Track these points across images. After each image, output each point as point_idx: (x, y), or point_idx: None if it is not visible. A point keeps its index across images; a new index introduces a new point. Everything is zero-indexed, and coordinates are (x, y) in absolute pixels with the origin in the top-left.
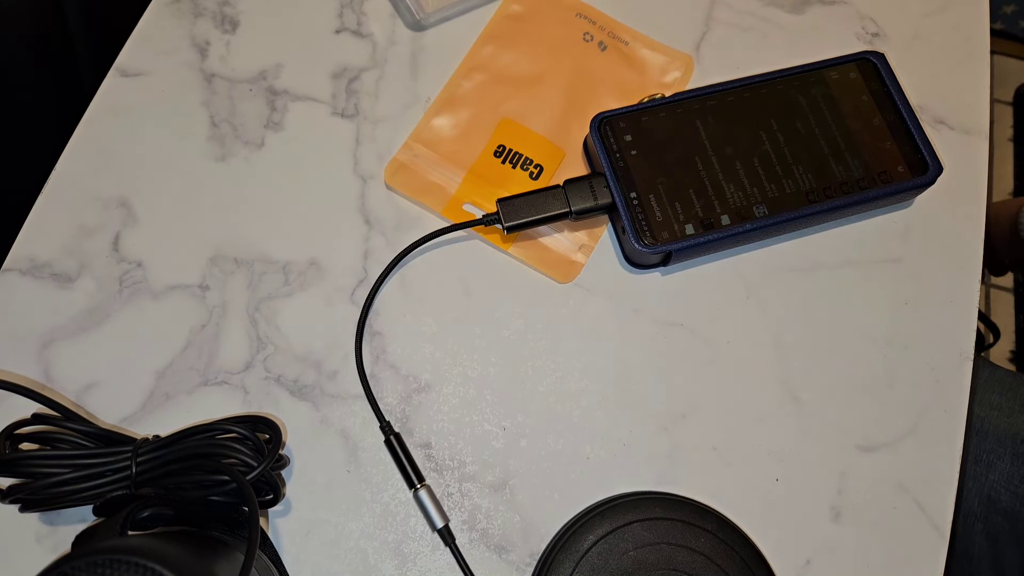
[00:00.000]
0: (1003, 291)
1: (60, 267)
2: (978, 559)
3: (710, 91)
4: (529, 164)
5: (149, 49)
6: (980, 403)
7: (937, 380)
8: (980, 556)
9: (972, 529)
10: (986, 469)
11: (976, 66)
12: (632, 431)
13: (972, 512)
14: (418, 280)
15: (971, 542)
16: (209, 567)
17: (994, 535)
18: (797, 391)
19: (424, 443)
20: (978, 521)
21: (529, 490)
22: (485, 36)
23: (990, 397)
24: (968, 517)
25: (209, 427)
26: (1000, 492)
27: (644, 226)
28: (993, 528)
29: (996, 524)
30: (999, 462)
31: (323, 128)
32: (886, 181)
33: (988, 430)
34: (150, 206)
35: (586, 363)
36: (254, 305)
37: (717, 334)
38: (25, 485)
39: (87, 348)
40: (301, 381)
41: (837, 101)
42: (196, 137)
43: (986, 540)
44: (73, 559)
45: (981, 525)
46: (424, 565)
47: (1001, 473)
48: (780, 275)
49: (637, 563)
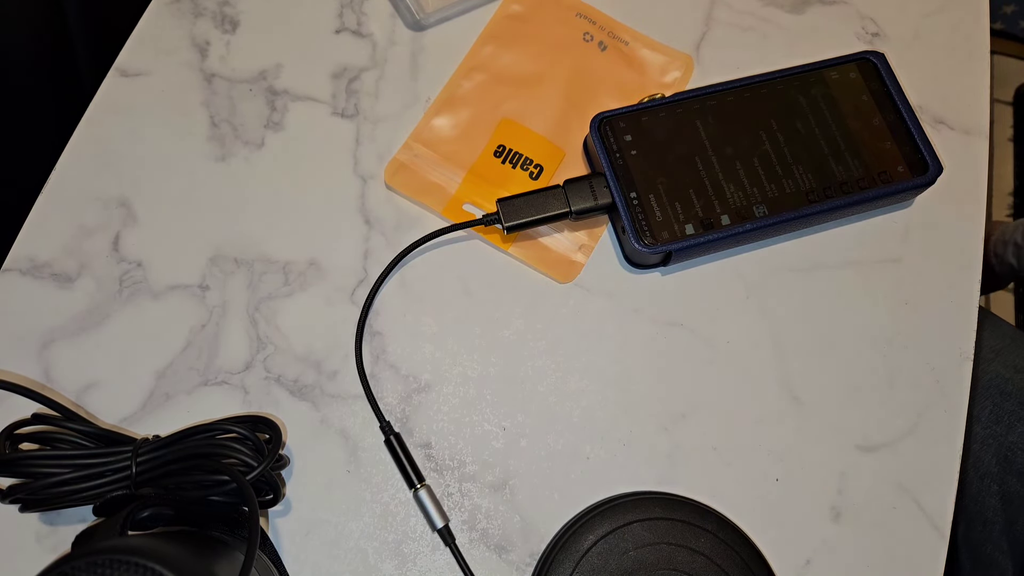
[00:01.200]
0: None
1: (60, 267)
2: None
3: (710, 91)
4: (529, 164)
5: (149, 49)
6: (1004, 364)
7: (937, 380)
8: (993, 519)
9: (987, 491)
10: (1006, 430)
11: (976, 66)
12: (632, 431)
13: (989, 472)
14: (418, 280)
15: (985, 504)
16: (209, 567)
17: (1009, 497)
18: (797, 391)
19: (424, 443)
20: (993, 482)
21: (529, 490)
22: (485, 36)
23: (1014, 359)
24: (984, 478)
25: (209, 427)
26: (1017, 453)
27: (644, 226)
28: (1008, 490)
29: (1011, 486)
30: (1019, 423)
31: (323, 128)
32: (886, 181)
33: (1011, 391)
34: (150, 206)
35: (586, 363)
36: (254, 305)
37: (717, 334)
38: (25, 485)
39: (87, 348)
40: (301, 381)
41: (837, 101)
42: (196, 137)
43: (1000, 502)
44: (73, 559)
45: (996, 487)
46: (424, 565)
47: (1020, 435)
48: (780, 275)
49: (637, 563)
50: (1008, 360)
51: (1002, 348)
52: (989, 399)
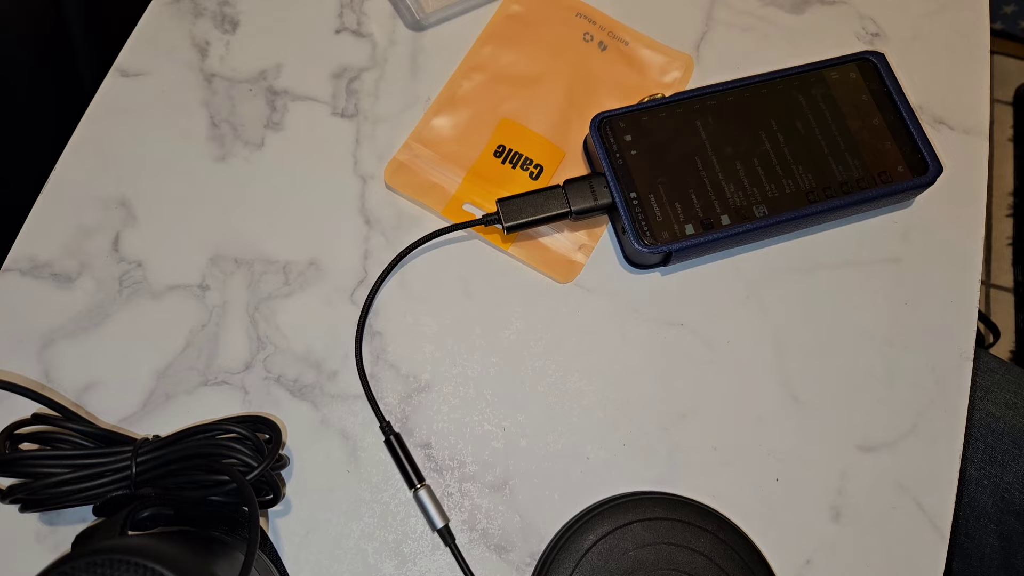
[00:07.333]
0: (1003, 291)
1: (60, 267)
2: (989, 559)
3: (710, 91)
4: (529, 164)
5: (149, 49)
6: (995, 402)
7: (937, 380)
8: (991, 556)
9: (984, 530)
10: (1001, 470)
11: (976, 66)
12: (632, 431)
13: (985, 512)
14: (418, 280)
15: (983, 542)
16: (209, 567)
17: (1007, 535)
18: (797, 391)
19: (424, 443)
20: (991, 522)
21: (529, 490)
22: (485, 36)
23: (1004, 396)
24: (981, 518)
25: (209, 427)
26: (1014, 493)
27: (644, 226)
28: (1006, 529)
29: (1009, 525)
30: (1013, 463)
31: (323, 128)
32: (886, 181)
33: (1003, 429)
34: (150, 206)
35: (586, 363)
36: (254, 305)
37: (717, 334)
38: (25, 485)
39: (87, 348)
40: (301, 381)
41: (837, 101)
42: (196, 137)
43: (998, 540)
44: (73, 559)
45: (994, 526)
46: (424, 565)
47: (1016, 475)
48: (780, 275)
49: (637, 563)
50: (998, 397)
51: (991, 385)
52: (981, 439)
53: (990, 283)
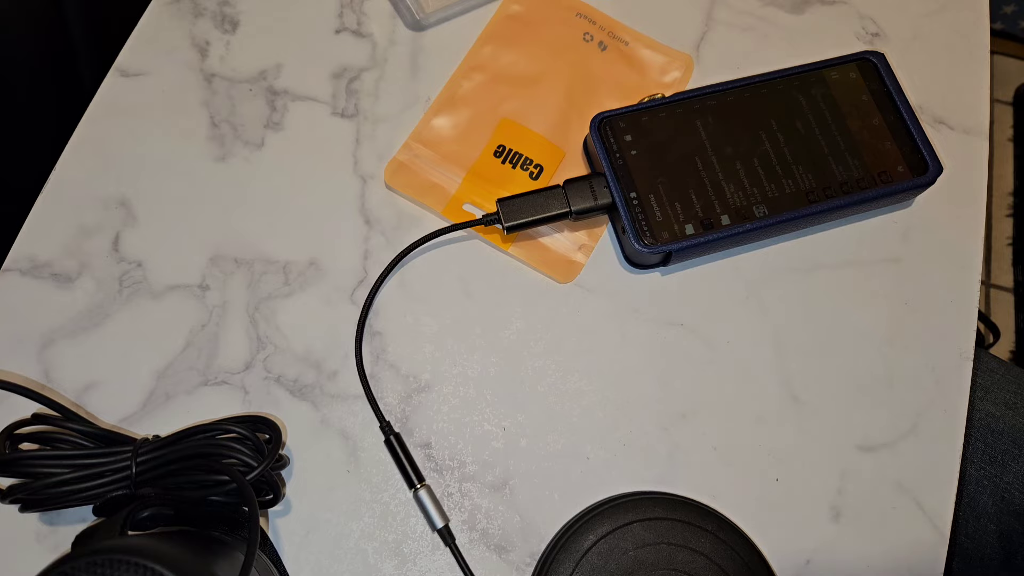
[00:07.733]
0: (1003, 291)
1: (60, 267)
2: (989, 559)
3: (710, 91)
4: (529, 164)
5: (149, 49)
6: (994, 402)
7: (937, 380)
8: (991, 556)
9: (984, 530)
10: (1001, 470)
11: (976, 66)
12: (632, 431)
13: (985, 512)
14: (418, 280)
15: (983, 542)
16: (209, 567)
17: (1007, 535)
18: (797, 391)
19: (424, 443)
20: (991, 522)
21: (529, 490)
22: (485, 36)
23: (1004, 396)
24: (981, 518)
25: (209, 427)
26: (1014, 493)
27: (644, 226)
28: (1006, 529)
29: (1009, 525)
30: (1013, 463)
31: (323, 128)
32: (886, 181)
33: (1003, 429)
34: (150, 206)
35: (586, 363)
36: (254, 305)
37: (717, 334)
38: (25, 485)
39: (87, 348)
40: (301, 381)
41: (837, 101)
42: (196, 137)
43: (998, 540)
44: (73, 559)
45: (994, 526)
46: (424, 565)
47: (1016, 475)
48: (780, 275)
49: (637, 563)
50: (998, 397)
51: (991, 385)
52: (981, 439)
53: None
